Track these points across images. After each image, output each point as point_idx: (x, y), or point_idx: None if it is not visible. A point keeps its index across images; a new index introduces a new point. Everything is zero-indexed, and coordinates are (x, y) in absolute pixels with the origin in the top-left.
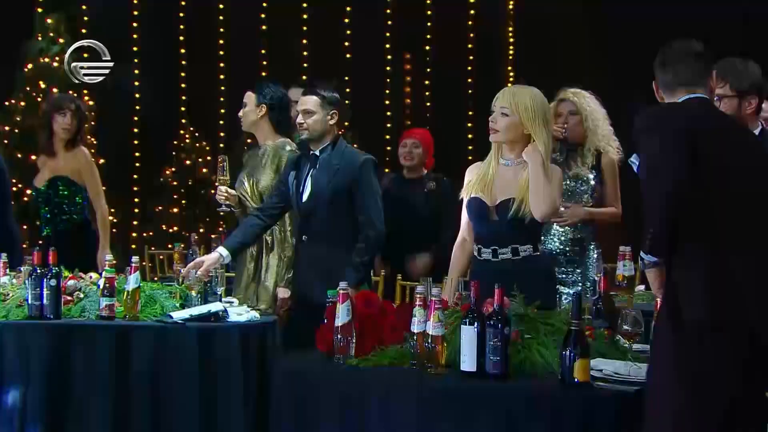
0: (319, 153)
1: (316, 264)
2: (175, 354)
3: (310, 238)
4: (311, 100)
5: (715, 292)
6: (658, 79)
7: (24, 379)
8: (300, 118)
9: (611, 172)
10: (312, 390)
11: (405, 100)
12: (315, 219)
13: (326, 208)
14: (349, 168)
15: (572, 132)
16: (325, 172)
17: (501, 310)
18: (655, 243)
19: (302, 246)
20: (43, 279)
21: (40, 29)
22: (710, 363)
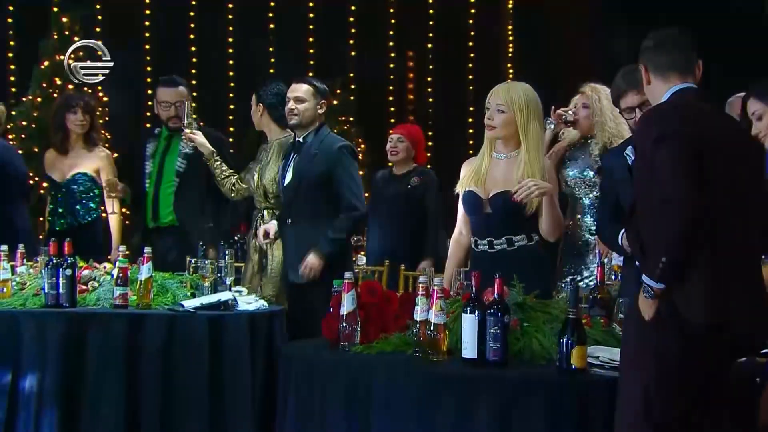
0: (303, 140)
1: (300, 246)
2: (186, 341)
3: (293, 222)
4: (303, 88)
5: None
6: (648, 60)
7: (41, 366)
8: (291, 104)
9: None
10: (318, 376)
11: (408, 97)
12: (297, 203)
13: (306, 192)
14: (326, 154)
15: (580, 123)
16: (305, 158)
17: (501, 299)
18: (669, 271)
19: (287, 228)
20: (59, 269)
21: (55, 28)
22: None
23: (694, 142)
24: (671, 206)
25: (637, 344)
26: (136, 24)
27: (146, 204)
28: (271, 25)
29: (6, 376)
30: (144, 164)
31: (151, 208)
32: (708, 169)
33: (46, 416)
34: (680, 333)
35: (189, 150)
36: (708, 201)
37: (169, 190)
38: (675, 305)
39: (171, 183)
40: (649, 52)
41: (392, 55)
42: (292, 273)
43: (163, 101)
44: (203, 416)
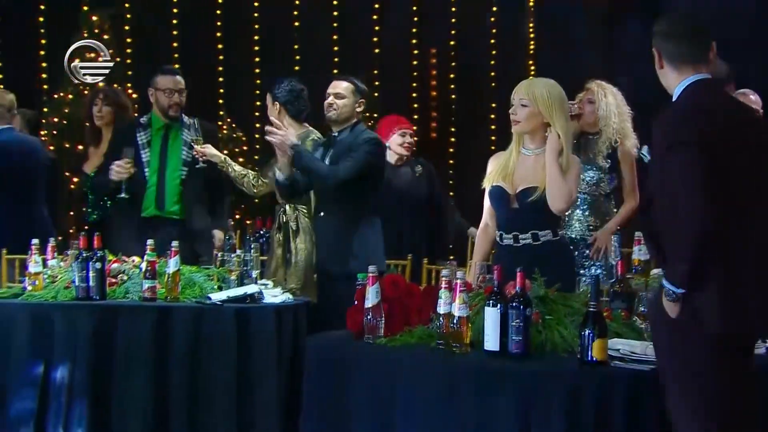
0: (338, 135)
1: (333, 238)
2: (213, 333)
3: (326, 214)
4: (343, 85)
5: (727, 307)
6: (661, 49)
7: (71, 357)
8: (330, 99)
9: (627, 163)
10: (343, 368)
11: (431, 93)
12: (330, 195)
13: (339, 185)
14: (356, 145)
15: (584, 118)
16: (339, 152)
17: (523, 292)
18: (689, 278)
19: (320, 221)
20: (89, 262)
21: (85, 27)
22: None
23: (710, 148)
24: (686, 218)
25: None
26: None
27: (149, 193)
28: (296, 23)
29: (38, 367)
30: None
31: (156, 197)
32: (724, 174)
33: (76, 407)
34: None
35: (192, 135)
36: (724, 210)
37: (177, 180)
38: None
39: (178, 172)
40: (662, 39)
41: (415, 53)
42: (325, 264)
43: (166, 88)
44: (230, 407)
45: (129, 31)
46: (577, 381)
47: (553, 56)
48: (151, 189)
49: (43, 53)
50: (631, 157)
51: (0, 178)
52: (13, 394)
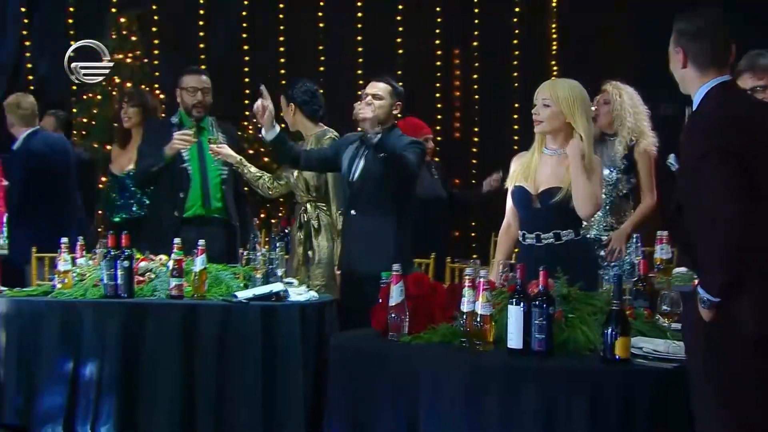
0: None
1: (363, 236)
2: (239, 331)
3: (358, 213)
4: (381, 86)
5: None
6: (687, 48)
7: (100, 354)
8: (369, 99)
9: (644, 162)
10: (367, 365)
11: (454, 93)
12: (363, 195)
13: (375, 185)
14: (398, 148)
15: (601, 119)
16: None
17: (546, 291)
18: (727, 288)
19: (350, 219)
20: (117, 260)
21: (113, 28)
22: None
23: (742, 154)
24: (722, 227)
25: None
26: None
27: (192, 192)
28: (320, 24)
29: (67, 363)
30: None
31: (201, 195)
32: (759, 179)
33: (105, 403)
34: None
35: (222, 139)
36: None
37: (218, 179)
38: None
39: (218, 172)
40: (688, 38)
41: (439, 53)
42: (354, 263)
43: (190, 86)
44: (256, 404)
45: (156, 32)
46: (600, 379)
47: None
48: (195, 188)
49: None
50: (647, 157)
51: (34, 180)
52: (43, 389)
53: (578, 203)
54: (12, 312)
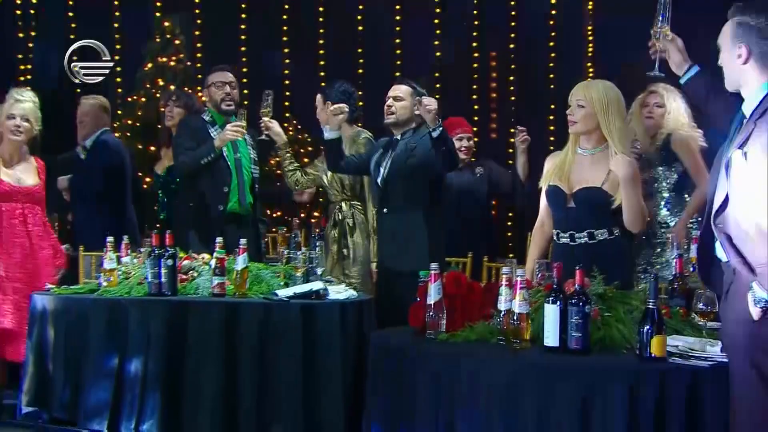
0: (401, 137)
1: (396, 233)
2: (279, 328)
3: (389, 212)
4: (402, 88)
5: None
6: (753, 45)
7: (144, 351)
8: (389, 101)
9: (686, 149)
10: (406, 363)
11: (491, 95)
12: (393, 194)
13: (402, 183)
14: (425, 146)
15: (654, 123)
16: (403, 152)
17: (582, 289)
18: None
19: (382, 218)
20: (161, 259)
21: (157, 31)
22: None
23: None
24: None
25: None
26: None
27: (232, 188)
28: (359, 27)
29: (113, 360)
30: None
31: (237, 194)
32: None
33: (149, 398)
34: None
35: (251, 140)
36: None
37: (250, 177)
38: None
39: (250, 169)
40: (754, 34)
41: (476, 56)
42: (389, 260)
43: (217, 81)
44: (296, 400)
45: (199, 35)
46: (637, 376)
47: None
48: (233, 185)
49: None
50: (687, 142)
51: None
52: (90, 385)
53: (628, 219)
54: (60, 309)
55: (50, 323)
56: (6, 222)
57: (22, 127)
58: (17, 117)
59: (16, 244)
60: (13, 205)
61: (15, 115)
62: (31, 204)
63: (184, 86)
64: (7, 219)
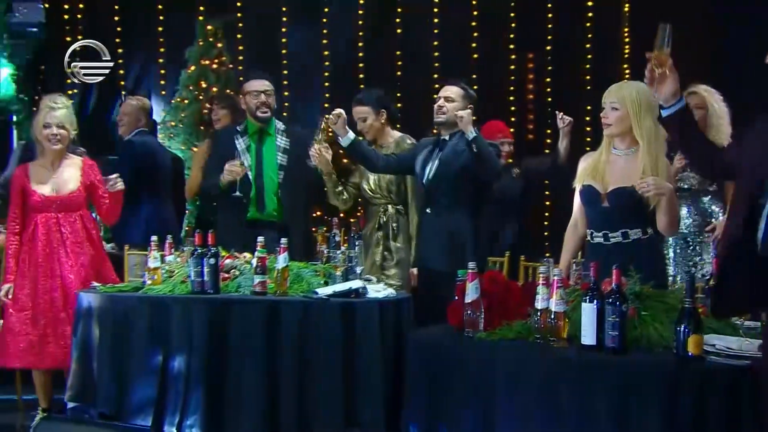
0: (449, 138)
1: (439, 233)
2: (319, 326)
3: (433, 212)
4: (454, 90)
5: None
6: None
7: (188, 348)
8: (440, 102)
9: None
10: (444, 361)
11: (528, 96)
12: (439, 193)
13: (449, 184)
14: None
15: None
16: (451, 153)
17: (619, 288)
18: None
19: (426, 217)
20: (203, 258)
21: (201, 35)
22: None
23: None
24: None
25: None
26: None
27: (251, 197)
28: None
29: (157, 357)
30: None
31: (256, 200)
32: None
33: (193, 394)
34: None
35: (286, 144)
36: None
37: (274, 184)
38: None
39: (275, 176)
40: None
41: (513, 57)
42: (429, 259)
43: (253, 90)
44: (336, 397)
45: (241, 38)
46: (674, 375)
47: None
48: (252, 193)
49: (161, 60)
50: None
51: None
52: (134, 381)
53: (664, 226)
54: (105, 306)
55: (95, 320)
56: (41, 232)
57: (60, 134)
58: (53, 126)
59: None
60: (48, 215)
61: (51, 123)
62: (67, 212)
63: (227, 89)
64: (42, 229)
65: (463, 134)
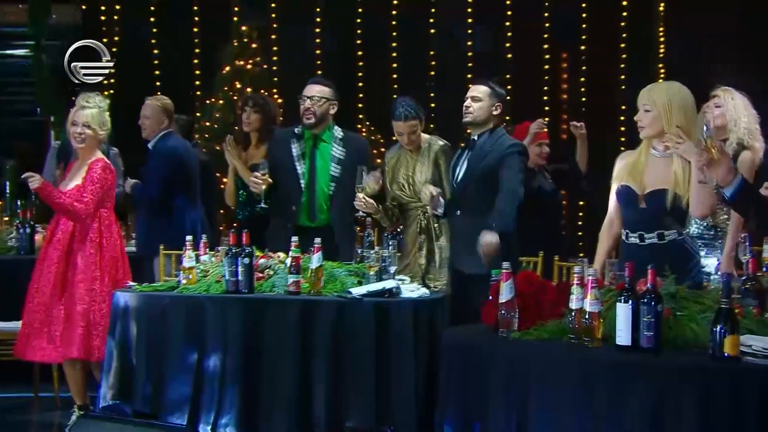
0: (477, 138)
1: (468, 235)
2: (353, 326)
3: (462, 213)
4: (481, 89)
5: None
6: None
7: (223, 346)
8: (468, 102)
9: (745, 169)
10: (478, 361)
11: (561, 96)
12: (467, 195)
13: (476, 185)
14: (498, 151)
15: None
16: (478, 154)
17: (654, 288)
18: None
19: (455, 219)
20: (238, 258)
21: (235, 36)
22: None
23: None
24: None
25: None
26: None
27: (302, 204)
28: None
29: (192, 355)
30: (294, 165)
31: (308, 209)
32: None
33: (228, 393)
34: None
35: (341, 154)
36: None
37: (326, 194)
38: None
39: (327, 186)
40: None
41: (547, 57)
42: (459, 261)
43: (303, 95)
44: (370, 397)
45: (275, 40)
46: (710, 376)
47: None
48: (303, 201)
49: (196, 62)
50: (751, 163)
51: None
52: (170, 380)
53: (695, 203)
54: (141, 306)
55: (132, 319)
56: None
57: (84, 134)
58: (79, 124)
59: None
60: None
61: (77, 122)
62: None
63: (261, 89)
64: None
65: (492, 132)
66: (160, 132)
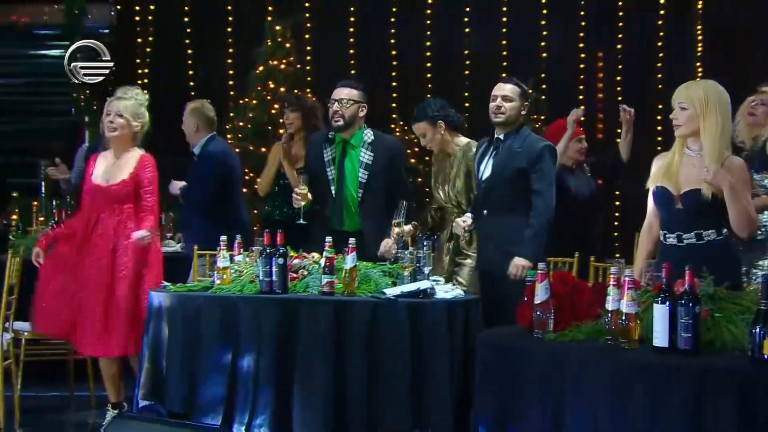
0: (504, 137)
1: (495, 235)
2: (387, 326)
3: (489, 213)
4: (509, 87)
5: None
6: None
7: (257, 347)
8: (498, 101)
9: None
10: (514, 362)
11: (597, 95)
12: (494, 195)
13: (505, 185)
14: (528, 151)
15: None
16: (506, 154)
17: (692, 290)
18: None
19: (482, 220)
20: (272, 258)
21: (269, 36)
22: None
23: None
24: None
25: None
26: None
27: (332, 210)
28: (466, 29)
29: (226, 356)
30: (325, 170)
31: (337, 214)
32: None
33: (262, 393)
34: None
35: (369, 159)
36: None
37: (354, 200)
38: None
39: (355, 192)
40: None
41: (582, 56)
42: (486, 262)
43: (331, 98)
44: (405, 397)
45: (309, 39)
46: (749, 377)
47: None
48: (333, 205)
49: (230, 61)
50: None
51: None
52: (204, 380)
53: (735, 225)
54: (175, 306)
55: (166, 319)
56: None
57: (116, 123)
58: (112, 113)
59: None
60: (94, 204)
61: (111, 111)
62: (106, 203)
63: (294, 89)
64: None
65: (518, 132)
66: (203, 136)
